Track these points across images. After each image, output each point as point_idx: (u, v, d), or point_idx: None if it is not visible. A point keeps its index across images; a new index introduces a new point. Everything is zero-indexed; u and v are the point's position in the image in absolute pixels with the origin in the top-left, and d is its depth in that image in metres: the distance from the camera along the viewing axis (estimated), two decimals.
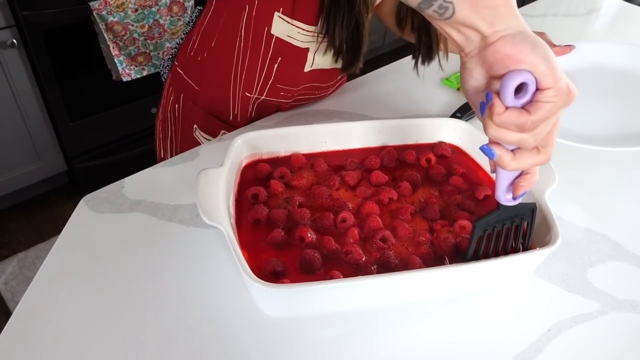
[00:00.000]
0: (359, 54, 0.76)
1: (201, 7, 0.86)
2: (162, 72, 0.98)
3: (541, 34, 0.88)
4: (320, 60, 0.81)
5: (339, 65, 0.81)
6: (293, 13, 0.74)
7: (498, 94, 0.43)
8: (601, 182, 0.75)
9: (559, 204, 0.61)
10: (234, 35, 0.78)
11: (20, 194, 1.92)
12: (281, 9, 0.74)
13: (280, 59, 0.79)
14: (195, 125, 0.91)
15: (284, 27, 0.75)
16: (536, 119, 0.43)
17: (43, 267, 0.58)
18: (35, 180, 1.89)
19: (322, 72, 0.84)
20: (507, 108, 0.43)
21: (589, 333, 0.55)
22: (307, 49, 0.78)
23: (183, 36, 0.91)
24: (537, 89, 0.42)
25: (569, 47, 0.90)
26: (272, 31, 0.76)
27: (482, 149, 0.47)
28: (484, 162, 0.68)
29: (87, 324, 0.54)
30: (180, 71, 0.90)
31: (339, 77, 0.92)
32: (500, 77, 0.43)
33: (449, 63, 1.02)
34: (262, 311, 0.55)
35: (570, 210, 0.69)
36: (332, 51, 0.75)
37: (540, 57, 0.41)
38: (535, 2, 1.32)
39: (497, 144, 0.46)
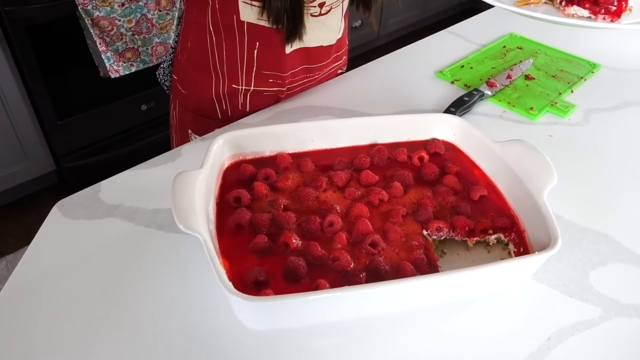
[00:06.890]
0: (300, 19, 0.74)
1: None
2: (162, 81, 0.96)
3: None
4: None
5: (323, 42, 0.79)
6: None
7: None
8: (602, 178, 0.72)
9: (558, 202, 0.58)
10: (204, 31, 0.77)
11: (8, 194, 1.88)
12: None
13: (258, 44, 0.78)
14: (189, 130, 0.88)
15: (251, 11, 0.74)
16: None
17: (11, 279, 0.55)
18: (24, 180, 1.85)
19: (308, 51, 0.82)
20: None
21: (592, 341, 0.52)
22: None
23: (176, 38, 0.89)
24: None
25: None
26: (242, 18, 0.74)
27: None
28: (479, 159, 0.65)
29: (60, 338, 0.50)
30: (175, 77, 0.89)
31: (332, 55, 0.88)
32: None
33: (444, 55, 0.99)
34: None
35: (570, 208, 0.66)
36: (271, 21, 0.73)
37: None
38: None
39: None
